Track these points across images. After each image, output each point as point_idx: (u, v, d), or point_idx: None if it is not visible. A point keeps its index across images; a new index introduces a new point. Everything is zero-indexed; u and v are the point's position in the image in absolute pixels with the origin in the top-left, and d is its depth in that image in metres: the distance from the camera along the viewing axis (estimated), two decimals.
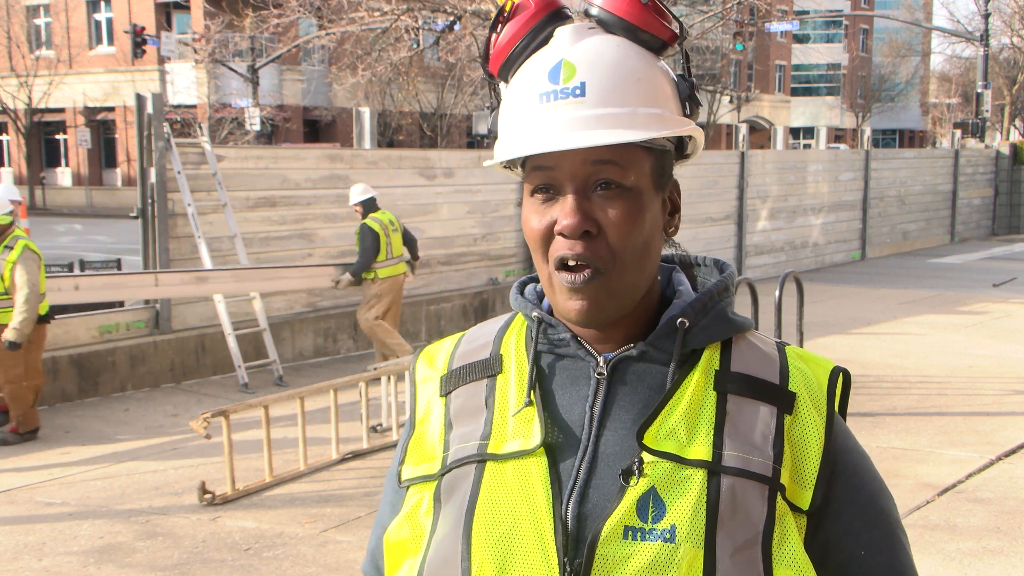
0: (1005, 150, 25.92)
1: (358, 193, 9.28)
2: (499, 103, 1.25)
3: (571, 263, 1.16)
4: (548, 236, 1.18)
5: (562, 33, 1.19)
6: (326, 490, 6.35)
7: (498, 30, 1.22)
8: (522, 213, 1.22)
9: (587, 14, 1.21)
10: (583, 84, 1.15)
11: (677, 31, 1.20)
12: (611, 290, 1.17)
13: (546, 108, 1.16)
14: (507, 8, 1.22)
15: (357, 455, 6.98)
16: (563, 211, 1.16)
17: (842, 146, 24.73)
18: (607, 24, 1.19)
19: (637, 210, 1.16)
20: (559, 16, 1.21)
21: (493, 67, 1.23)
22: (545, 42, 1.20)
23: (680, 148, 1.25)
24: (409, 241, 9.59)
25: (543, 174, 1.18)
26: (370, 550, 1.38)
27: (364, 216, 9.18)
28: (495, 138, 1.26)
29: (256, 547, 5.38)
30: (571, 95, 1.15)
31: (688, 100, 1.21)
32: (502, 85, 1.25)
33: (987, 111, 29.80)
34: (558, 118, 1.15)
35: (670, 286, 1.28)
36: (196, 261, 9.46)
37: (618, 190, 1.16)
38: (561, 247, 1.17)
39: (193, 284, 9.05)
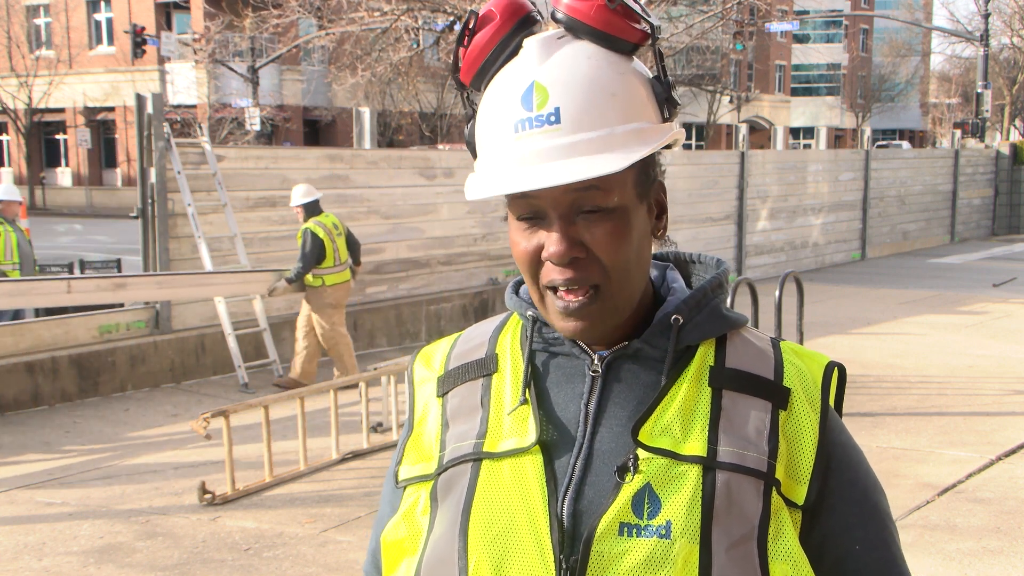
0: (1005, 150, 25.92)
1: (300, 195, 8.85)
2: (474, 113, 1.23)
3: (563, 288, 1.16)
4: (536, 260, 1.17)
5: (531, 47, 1.17)
6: (326, 490, 6.35)
7: (465, 43, 1.20)
8: (509, 233, 1.21)
9: (554, 18, 1.18)
10: (557, 110, 1.12)
11: (648, 31, 1.17)
12: (606, 307, 1.17)
13: (521, 138, 1.14)
14: (471, 21, 1.20)
15: (357, 455, 6.98)
16: (549, 239, 1.15)
17: (905, 144, 24.52)
18: (574, 30, 1.17)
19: (623, 228, 1.15)
20: (527, 23, 1.19)
21: (465, 78, 1.22)
22: (515, 53, 1.18)
23: None
24: (353, 245, 9.18)
25: (525, 203, 1.16)
26: (371, 550, 1.38)
27: (306, 219, 8.80)
28: (472, 150, 1.24)
29: (256, 547, 5.38)
30: (545, 123, 1.12)
31: (665, 102, 1.18)
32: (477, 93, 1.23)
33: (987, 111, 29.82)
34: (533, 148, 1.13)
35: (664, 284, 1.28)
36: (196, 261, 9.46)
37: (603, 213, 1.14)
38: (551, 273, 1.16)
39: (109, 291, 8.69)
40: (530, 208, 1.16)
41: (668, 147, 1.22)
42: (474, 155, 1.24)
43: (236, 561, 5.19)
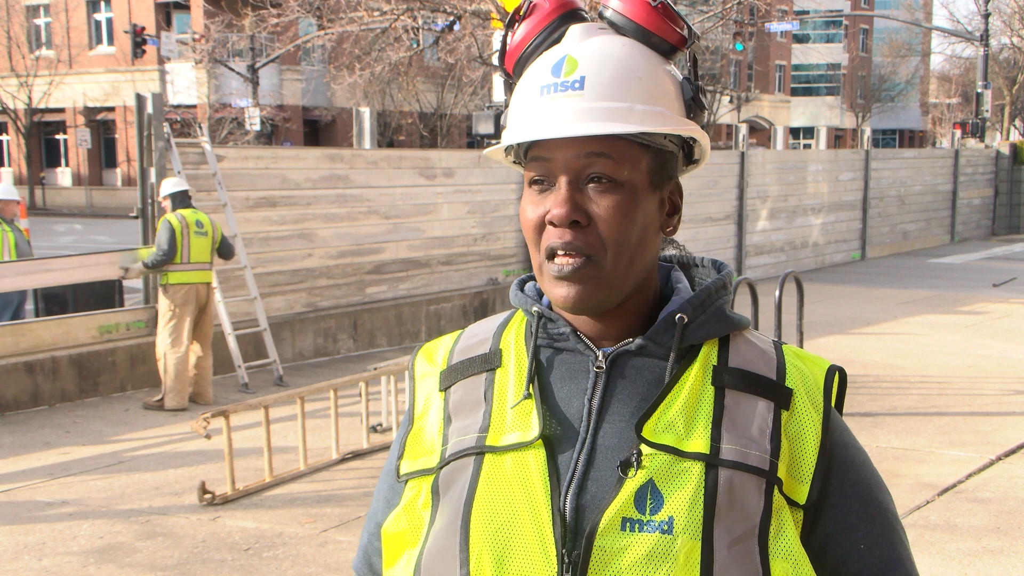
0: (1005, 150, 25.92)
1: (169, 186, 8.58)
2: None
3: (560, 252, 1.18)
4: (541, 226, 1.20)
5: (572, 31, 1.22)
6: (326, 490, 6.35)
7: (514, 28, 1.25)
8: (520, 208, 1.24)
9: (601, 16, 1.24)
10: (583, 78, 1.18)
11: (686, 35, 1.22)
12: (599, 278, 1.18)
13: (545, 100, 1.19)
14: (523, 8, 1.24)
15: (357, 455, 6.98)
16: (554, 201, 1.18)
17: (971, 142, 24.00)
18: (619, 26, 1.22)
19: (628, 205, 1.18)
20: (573, 16, 1.23)
21: (508, 64, 1.26)
22: (557, 41, 1.22)
23: (688, 153, 1.27)
24: (225, 250, 8.79)
25: (540, 165, 1.20)
26: (362, 547, 1.38)
27: (172, 211, 8.47)
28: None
29: (256, 547, 5.38)
30: (570, 88, 1.18)
31: (692, 102, 1.23)
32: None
33: (987, 111, 29.80)
34: (555, 109, 1.18)
35: (668, 284, 1.30)
36: None
37: (609, 184, 1.17)
38: (551, 236, 1.19)
39: None
40: (543, 170, 1.20)
41: (696, 162, 1.28)
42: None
43: (236, 561, 5.19)
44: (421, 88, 29.77)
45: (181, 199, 8.55)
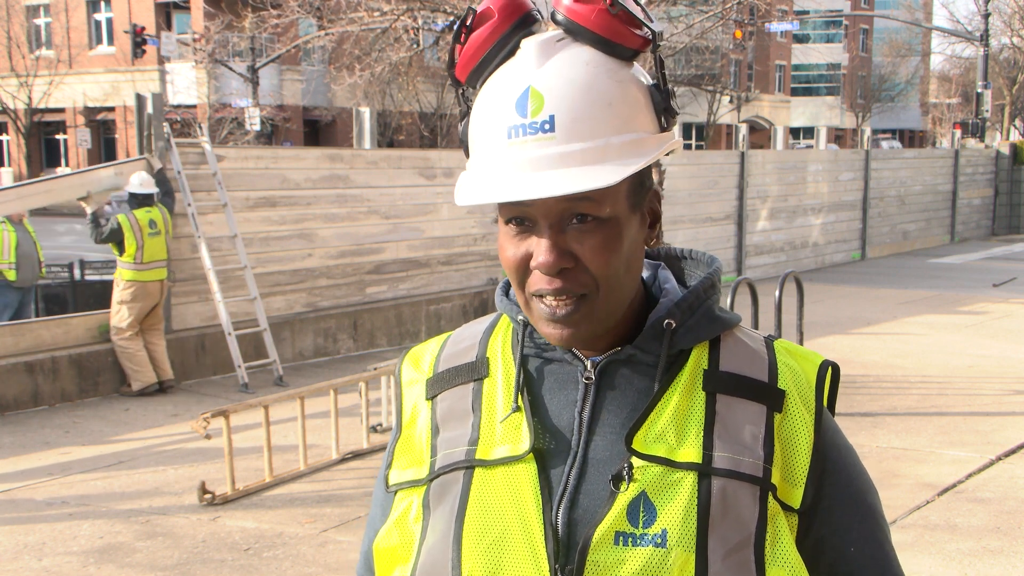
0: (1005, 150, 25.91)
1: (135, 184, 8.78)
2: (469, 111, 1.21)
3: (550, 296, 1.13)
4: (524, 267, 1.15)
5: (528, 49, 1.14)
6: (326, 490, 6.35)
7: (462, 39, 1.18)
8: (499, 238, 1.18)
9: (554, 19, 1.16)
10: (552, 117, 1.10)
11: (649, 36, 1.14)
12: (592, 316, 1.15)
13: (513, 145, 1.11)
14: (468, 18, 1.17)
15: (357, 455, 6.98)
16: (539, 248, 1.12)
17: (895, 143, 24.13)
18: (574, 33, 1.14)
19: (614, 239, 1.13)
20: (526, 23, 1.16)
21: (460, 75, 1.19)
22: (512, 53, 1.15)
23: None
24: (164, 187, 9.07)
25: (516, 208, 1.14)
26: (364, 552, 1.36)
27: (131, 208, 8.73)
28: (465, 148, 1.22)
29: (256, 547, 5.38)
30: (539, 130, 1.10)
31: (664, 112, 1.16)
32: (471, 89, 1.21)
33: (987, 111, 29.80)
34: (526, 156, 1.10)
35: (656, 284, 1.26)
36: (196, 261, 9.46)
37: (594, 222, 1.12)
38: (538, 282, 1.14)
39: None
40: (520, 213, 1.14)
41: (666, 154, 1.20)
42: (467, 153, 1.22)
43: (236, 561, 5.19)
44: (421, 88, 29.78)
45: (143, 199, 8.75)
